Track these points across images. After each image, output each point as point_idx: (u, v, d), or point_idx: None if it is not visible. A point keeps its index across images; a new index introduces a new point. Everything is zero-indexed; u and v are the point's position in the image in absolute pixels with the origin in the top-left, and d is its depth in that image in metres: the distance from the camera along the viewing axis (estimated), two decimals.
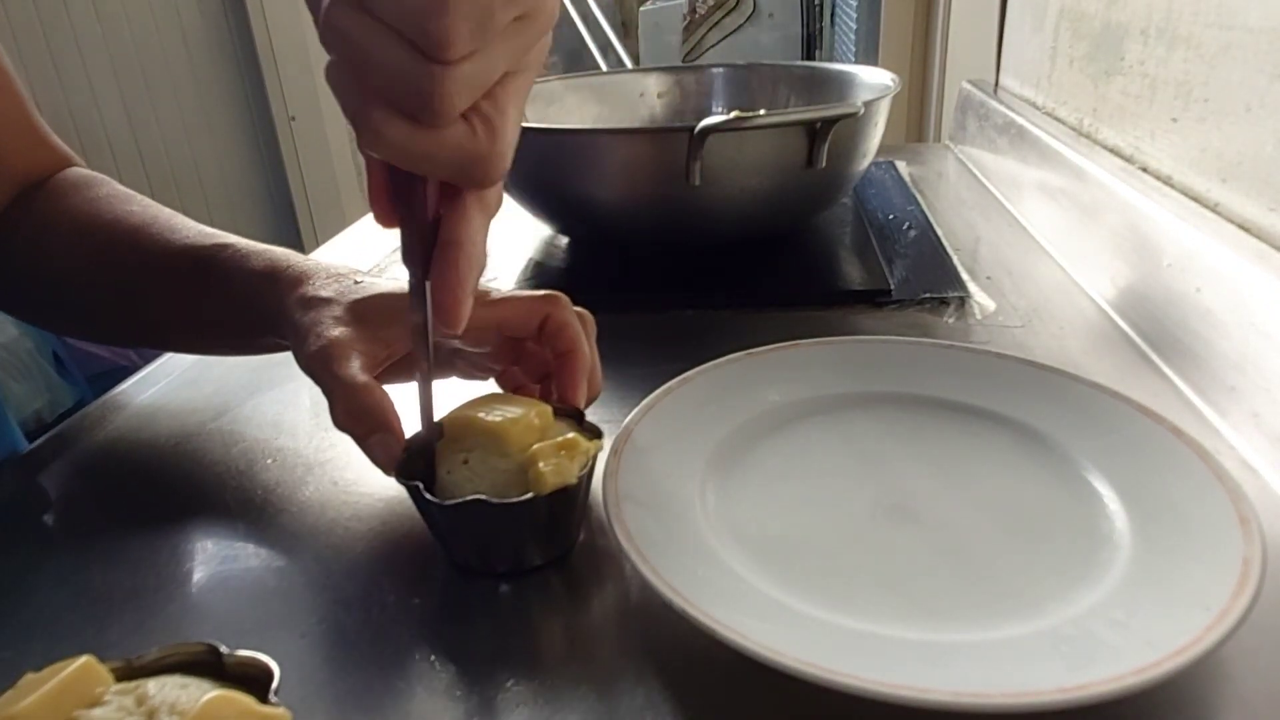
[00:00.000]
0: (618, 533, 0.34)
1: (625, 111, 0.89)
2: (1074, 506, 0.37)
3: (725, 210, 0.64)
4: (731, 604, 0.31)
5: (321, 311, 0.40)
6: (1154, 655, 0.27)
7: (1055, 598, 0.32)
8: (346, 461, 0.46)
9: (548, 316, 0.40)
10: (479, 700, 0.31)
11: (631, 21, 3.33)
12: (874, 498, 0.39)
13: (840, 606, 0.32)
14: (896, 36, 1.57)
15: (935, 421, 0.44)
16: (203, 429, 0.51)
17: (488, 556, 0.37)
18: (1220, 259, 0.47)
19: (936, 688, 0.27)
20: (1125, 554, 0.34)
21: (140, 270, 0.48)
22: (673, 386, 0.44)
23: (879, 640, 0.31)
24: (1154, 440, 0.39)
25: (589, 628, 0.35)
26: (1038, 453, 0.41)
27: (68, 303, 0.52)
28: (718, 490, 0.39)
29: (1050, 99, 0.85)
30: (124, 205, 0.50)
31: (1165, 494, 0.36)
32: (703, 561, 0.34)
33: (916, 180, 0.92)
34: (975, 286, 0.63)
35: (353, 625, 0.35)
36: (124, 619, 0.36)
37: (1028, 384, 0.44)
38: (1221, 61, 0.53)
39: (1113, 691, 0.26)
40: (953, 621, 0.32)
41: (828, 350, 0.48)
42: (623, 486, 0.37)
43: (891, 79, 0.73)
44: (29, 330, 0.93)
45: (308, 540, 0.40)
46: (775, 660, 0.28)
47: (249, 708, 0.24)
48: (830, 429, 0.44)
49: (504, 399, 0.38)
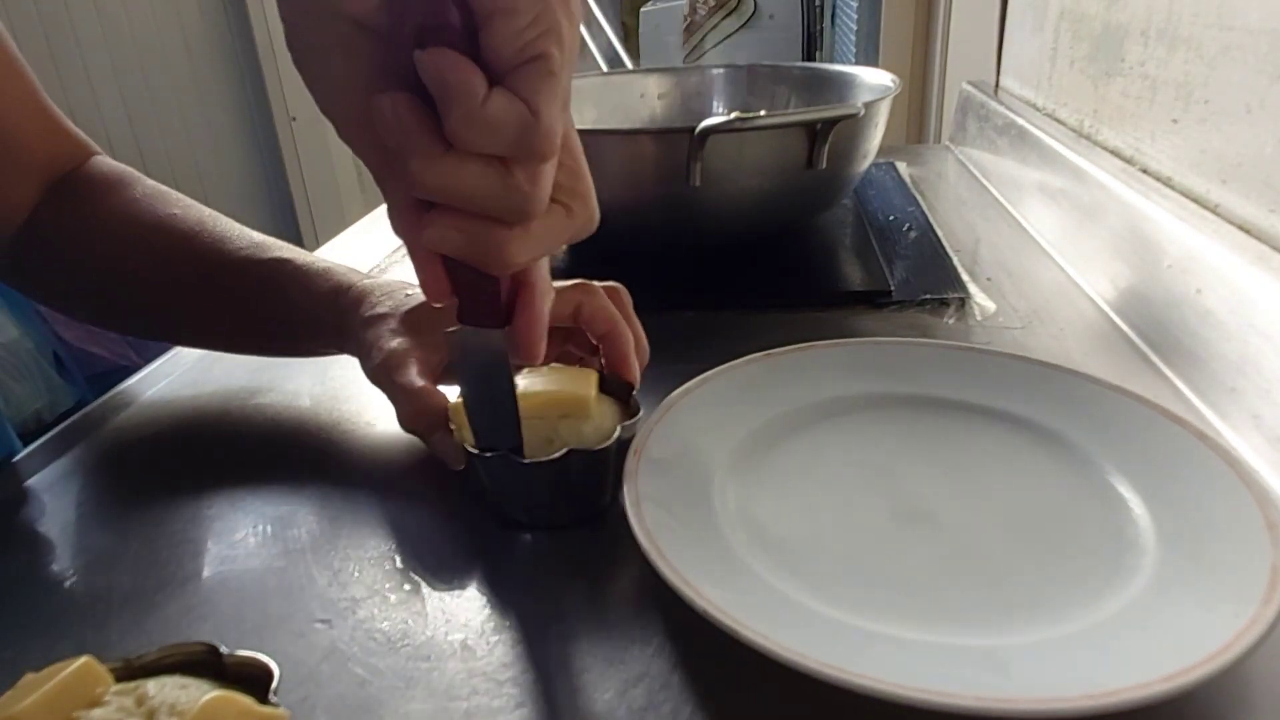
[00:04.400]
0: (637, 532, 0.33)
1: (626, 112, 0.89)
2: (1097, 511, 0.37)
3: (725, 211, 0.64)
4: (753, 605, 0.31)
5: (380, 327, 0.44)
6: (1183, 662, 0.27)
7: (1080, 603, 0.32)
8: (346, 461, 0.46)
9: (579, 305, 0.42)
10: (479, 700, 0.31)
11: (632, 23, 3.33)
12: (895, 500, 0.39)
13: (864, 610, 0.32)
14: (897, 37, 1.57)
15: (955, 424, 0.43)
16: (203, 429, 0.51)
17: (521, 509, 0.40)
18: (1221, 260, 0.47)
19: (961, 693, 0.26)
20: (1151, 559, 0.33)
21: (201, 280, 0.50)
22: (691, 387, 0.44)
23: (901, 643, 0.30)
24: (1178, 444, 0.38)
25: (593, 628, 0.35)
26: (1059, 456, 0.40)
27: (119, 302, 0.53)
28: (737, 491, 0.39)
29: (1050, 100, 0.85)
30: (166, 207, 0.51)
31: (1190, 498, 0.36)
32: (722, 562, 0.34)
33: (917, 181, 0.92)
34: (975, 288, 0.63)
35: (352, 625, 0.35)
36: (123, 619, 0.36)
37: (1047, 387, 0.43)
38: (1222, 63, 0.53)
39: (1142, 698, 0.26)
40: (976, 626, 0.31)
41: (846, 352, 0.48)
42: (643, 486, 0.36)
43: (892, 80, 0.73)
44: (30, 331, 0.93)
45: (307, 540, 0.40)
46: (798, 663, 0.27)
47: (248, 708, 0.24)
48: (850, 431, 0.43)
49: (555, 370, 0.41)
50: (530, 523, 0.40)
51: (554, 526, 0.40)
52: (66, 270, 0.52)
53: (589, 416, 0.39)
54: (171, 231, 0.50)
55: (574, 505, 0.40)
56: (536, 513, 0.40)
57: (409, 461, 0.46)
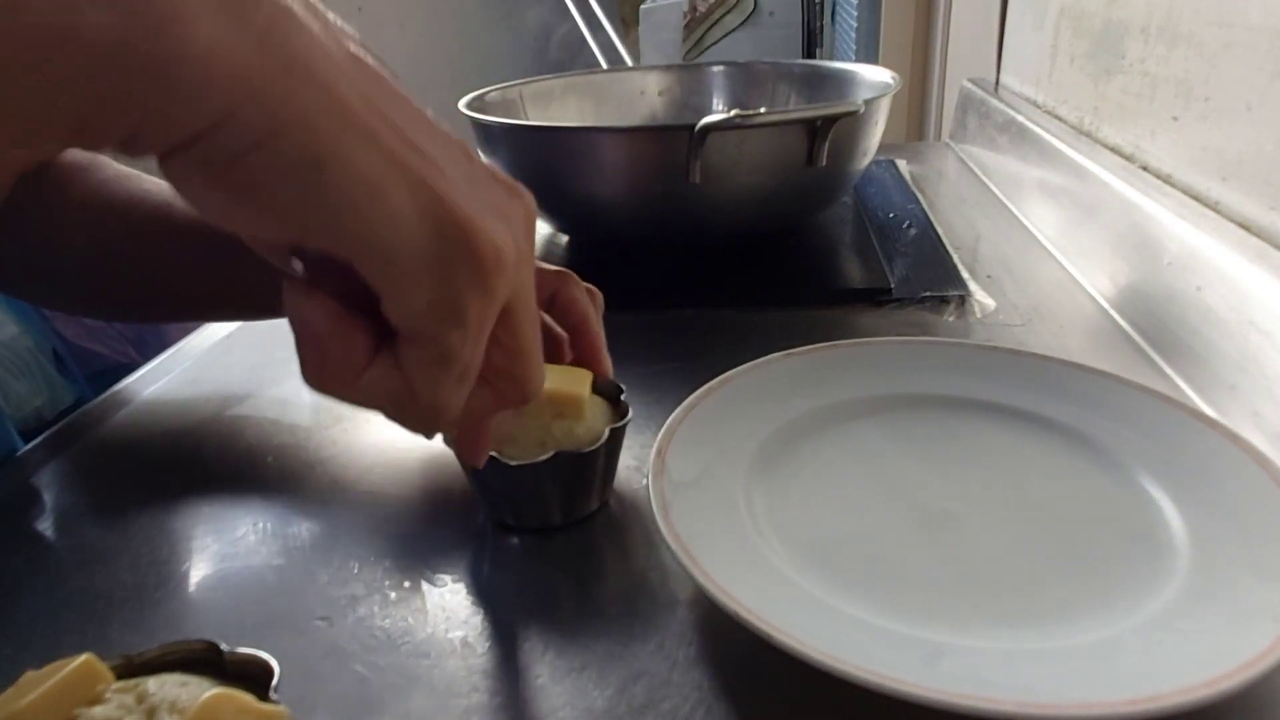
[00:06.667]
0: (665, 534, 0.33)
1: (625, 110, 0.89)
2: (1129, 513, 0.37)
3: (725, 209, 0.64)
4: (785, 609, 0.30)
5: None
6: (1224, 667, 0.27)
7: (1115, 606, 0.31)
8: (346, 459, 0.46)
9: (556, 291, 0.41)
10: (479, 697, 0.31)
11: (632, 20, 3.33)
12: (924, 501, 0.38)
13: (897, 612, 0.31)
14: (897, 35, 1.57)
15: (981, 425, 0.43)
16: (202, 427, 0.51)
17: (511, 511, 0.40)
18: (1221, 258, 0.47)
19: (1003, 698, 0.26)
20: (1185, 562, 0.33)
21: (182, 247, 0.48)
22: (713, 387, 0.43)
23: (937, 647, 0.30)
24: (1208, 445, 0.38)
25: (593, 626, 0.35)
26: (1089, 458, 0.40)
27: (94, 285, 0.52)
28: (764, 492, 0.39)
29: (1051, 97, 0.85)
30: (139, 184, 0.51)
31: (1223, 500, 0.35)
32: (751, 563, 0.34)
33: (917, 179, 0.92)
34: (975, 285, 0.63)
35: (353, 623, 0.35)
36: (124, 617, 0.36)
37: (1074, 388, 0.43)
38: (1222, 60, 0.53)
39: (1185, 703, 0.25)
40: (1012, 629, 0.31)
41: (869, 351, 0.47)
42: (669, 488, 0.36)
43: (892, 77, 0.73)
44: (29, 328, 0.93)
45: (307, 538, 0.40)
46: (834, 667, 0.27)
47: (248, 705, 0.24)
48: (875, 431, 0.43)
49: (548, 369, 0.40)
50: (518, 525, 0.40)
51: (543, 530, 0.39)
52: (44, 260, 0.52)
53: (582, 417, 0.38)
54: (144, 203, 0.49)
55: (562, 508, 0.39)
56: (524, 515, 0.39)
57: (409, 460, 0.46)
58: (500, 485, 0.39)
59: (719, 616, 0.30)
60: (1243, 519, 0.34)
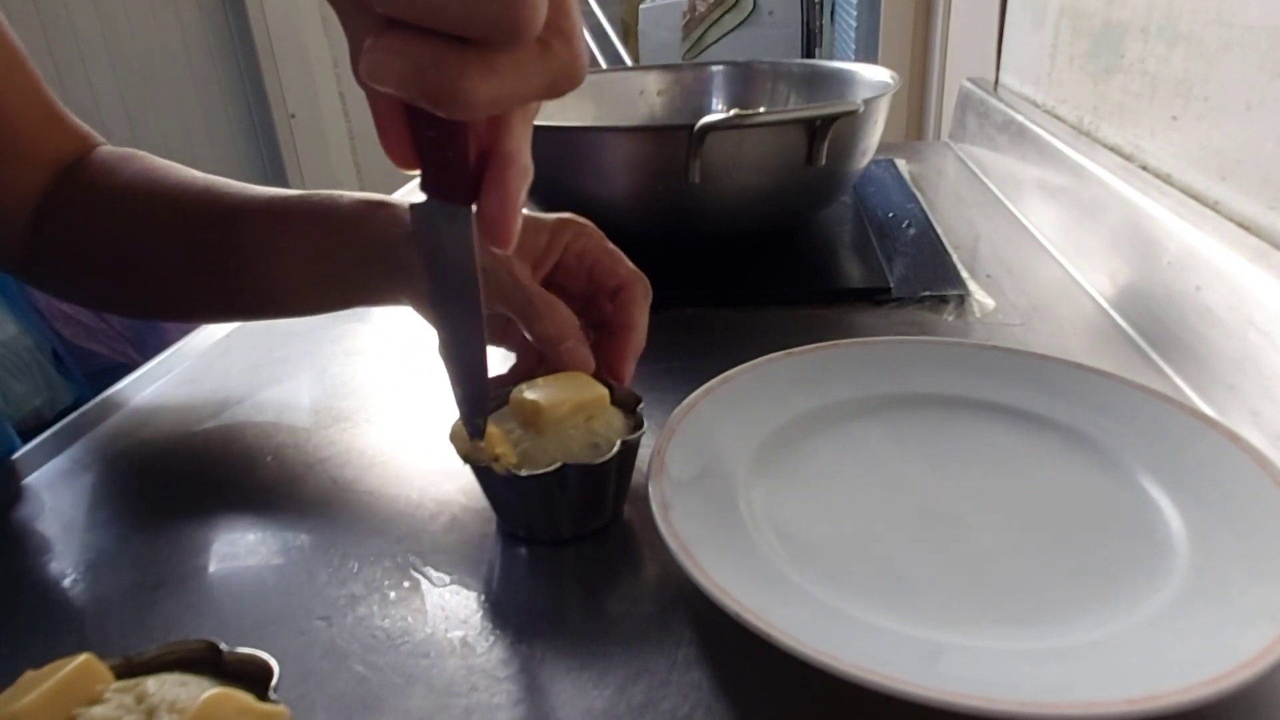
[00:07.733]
0: (665, 534, 0.33)
1: (625, 109, 0.89)
2: (1128, 512, 0.37)
3: (725, 208, 0.64)
4: (783, 607, 0.31)
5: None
6: (1223, 666, 0.27)
7: (1114, 606, 0.31)
8: (346, 459, 0.46)
9: (621, 287, 0.44)
10: (478, 696, 0.31)
11: (631, 19, 3.33)
12: (923, 501, 0.38)
13: (896, 612, 0.31)
14: (896, 34, 1.57)
15: (980, 424, 0.43)
16: (202, 426, 0.51)
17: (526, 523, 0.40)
18: (1220, 257, 0.47)
19: (1002, 697, 0.26)
20: (1184, 561, 0.33)
21: (224, 230, 0.48)
22: (713, 386, 0.43)
23: (937, 646, 0.30)
24: (1208, 445, 0.38)
25: (592, 625, 0.35)
26: (1088, 457, 0.40)
27: (141, 276, 0.51)
28: (763, 491, 0.39)
29: (1050, 97, 0.85)
30: (177, 174, 0.51)
31: (1222, 500, 0.35)
32: (751, 562, 0.34)
33: (916, 178, 0.92)
34: (975, 284, 0.63)
35: (352, 622, 0.35)
36: (123, 616, 0.36)
37: (1074, 387, 0.43)
38: (1222, 59, 0.53)
39: (1183, 703, 0.25)
40: (1012, 628, 0.31)
41: (870, 350, 0.47)
42: (668, 487, 0.36)
43: (891, 77, 0.73)
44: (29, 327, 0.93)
45: (307, 538, 0.40)
46: (834, 667, 0.27)
47: (248, 705, 0.24)
48: (874, 431, 0.43)
49: (559, 379, 0.40)
50: (530, 537, 0.39)
51: (556, 542, 0.39)
52: (85, 253, 0.51)
53: (607, 409, 0.39)
54: (190, 188, 0.50)
55: (573, 520, 0.39)
56: (535, 527, 0.39)
57: (408, 459, 0.46)
58: (510, 496, 0.38)
59: (719, 616, 0.30)
60: (1242, 519, 0.34)
